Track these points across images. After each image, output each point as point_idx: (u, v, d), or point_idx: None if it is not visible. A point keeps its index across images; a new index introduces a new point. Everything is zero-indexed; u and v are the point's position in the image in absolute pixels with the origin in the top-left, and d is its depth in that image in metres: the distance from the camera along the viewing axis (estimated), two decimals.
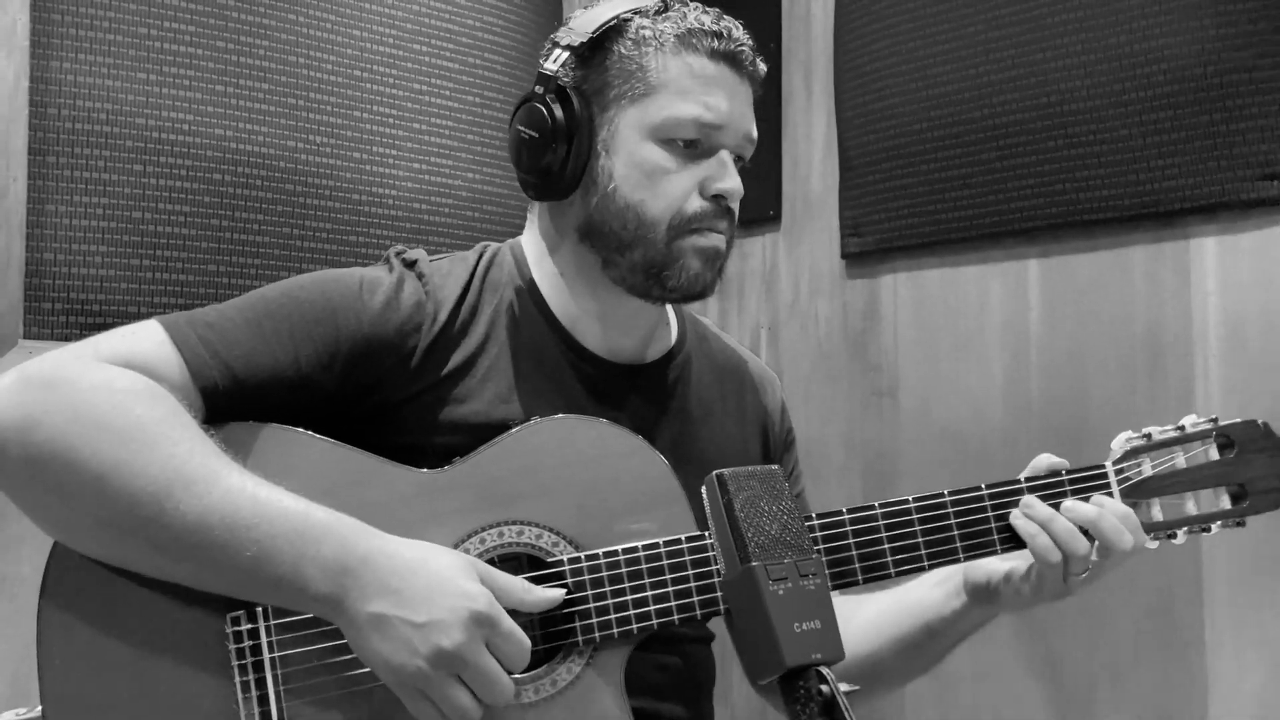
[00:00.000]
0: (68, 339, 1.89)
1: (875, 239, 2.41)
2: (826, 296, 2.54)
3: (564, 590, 1.04)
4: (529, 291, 1.22)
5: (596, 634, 1.06)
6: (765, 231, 2.64)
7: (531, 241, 1.26)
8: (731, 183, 1.17)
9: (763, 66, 1.21)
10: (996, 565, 1.18)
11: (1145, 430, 1.18)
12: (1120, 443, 1.17)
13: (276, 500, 0.99)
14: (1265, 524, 1.21)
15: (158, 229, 1.98)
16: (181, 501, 0.97)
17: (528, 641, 1.00)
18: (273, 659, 1.01)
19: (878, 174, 2.39)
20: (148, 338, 1.07)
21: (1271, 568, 1.88)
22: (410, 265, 1.19)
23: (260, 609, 1.02)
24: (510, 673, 1.00)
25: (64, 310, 1.90)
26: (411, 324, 1.14)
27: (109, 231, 1.93)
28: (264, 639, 1.02)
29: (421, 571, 0.98)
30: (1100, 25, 2.06)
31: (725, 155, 1.17)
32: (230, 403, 1.07)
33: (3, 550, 1.80)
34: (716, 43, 1.16)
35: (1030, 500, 1.13)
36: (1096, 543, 1.11)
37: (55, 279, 1.89)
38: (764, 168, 2.52)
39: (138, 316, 1.91)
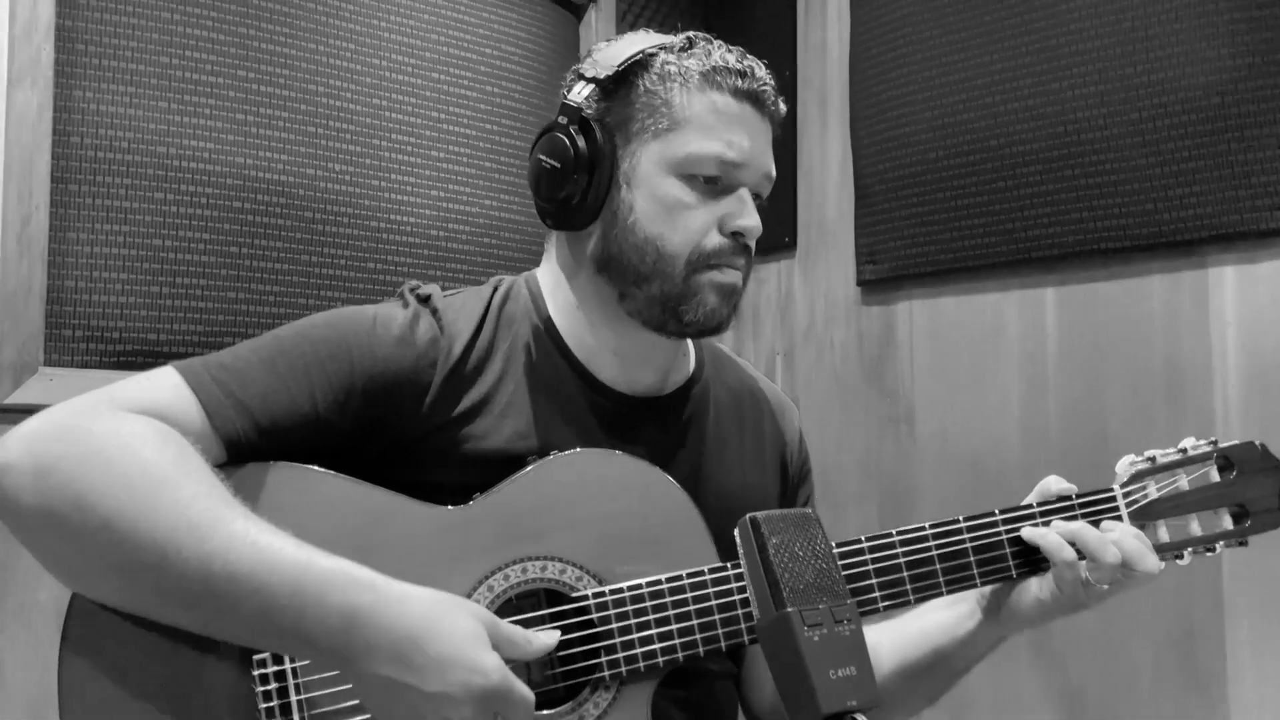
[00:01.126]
0: (88, 366, 1.89)
1: (891, 266, 2.41)
2: (842, 323, 2.54)
3: (559, 632, 1.03)
4: (544, 326, 1.23)
5: (623, 668, 1.06)
6: (781, 258, 2.64)
7: (548, 272, 1.27)
8: (751, 221, 1.17)
9: (783, 107, 1.22)
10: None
11: (1148, 454, 1.20)
12: (1125, 466, 1.20)
13: (278, 548, 0.97)
14: None
15: (178, 256, 1.99)
16: (184, 548, 0.96)
17: (533, 708, 0.99)
18: (300, 701, 1.01)
19: (893, 201, 2.40)
20: (164, 384, 1.07)
21: None
22: (424, 300, 1.19)
23: (287, 657, 1.02)
24: None
25: (85, 337, 1.90)
26: (426, 360, 1.14)
27: (130, 259, 1.94)
28: (290, 681, 1.01)
29: (433, 637, 0.96)
30: (1116, 55, 2.07)
31: (745, 193, 1.18)
32: (248, 444, 1.07)
33: (21, 579, 1.80)
34: (740, 81, 1.16)
35: (1055, 523, 1.15)
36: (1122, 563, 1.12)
37: (76, 306, 1.90)
38: (779, 195, 2.51)
39: (158, 343, 1.94)
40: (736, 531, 0.87)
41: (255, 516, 0.99)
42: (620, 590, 1.07)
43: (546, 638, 1.02)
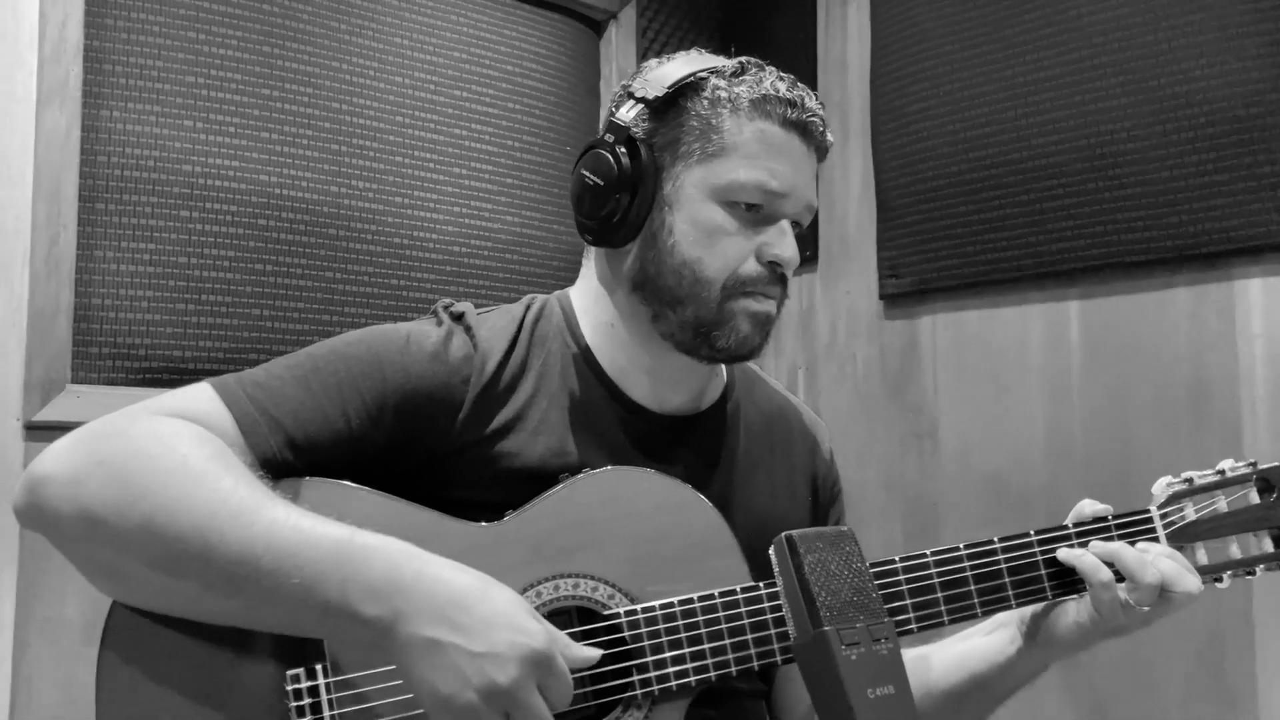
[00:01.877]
0: (114, 383, 1.91)
1: (913, 280, 2.41)
2: (864, 338, 2.53)
3: (600, 651, 1.03)
4: (577, 345, 1.23)
5: (655, 687, 1.06)
6: (802, 272, 2.64)
7: (585, 289, 1.27)
8: (789, 251, 1.17)
9: (831, 138, 1.22)
10: (1053, 605, 1.17)
11: (1185, 475, 1.19)
12: (1161, 488, 1.19)
13: (321, 527, 0.99)
14: None
15: (204, 273, 2.00)
16: (227, 534, 0.97)
17: (572, 686, 0.99)
18: (333, 716, 1.01)
19: (915, 215, 2.40)
20: (199, 399, 1.08)
21: None
22: (458, 318, 1.20)
23: (320, 666, 1.02)
24: (554, 710, 0.98)
25: (111, 354, 1.91)
26: (459, 377, 1.15)
27: (156, 276, 1.95)
28: (324, 696, 1.02)
29: (480, 600, 0.97)
30: (1141, 67, 2.06)
31: (785, 224, 1.17)
32: (282, 460, 1.08)
33: (47, 595, 1.81)
34: (790, 111, 1.16)
35: (1092, 544, 1.14)
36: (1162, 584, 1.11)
37: (103, 323, 1.91)
38: None
39: (184, 360, 1.95)
40: (772, 550, 0.86)
41: (294, 505, 1.00)
42: (652, 609, 1.07)
43: (590, 650, 1.02)
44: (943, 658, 1.25)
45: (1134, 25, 2.07)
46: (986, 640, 1.23)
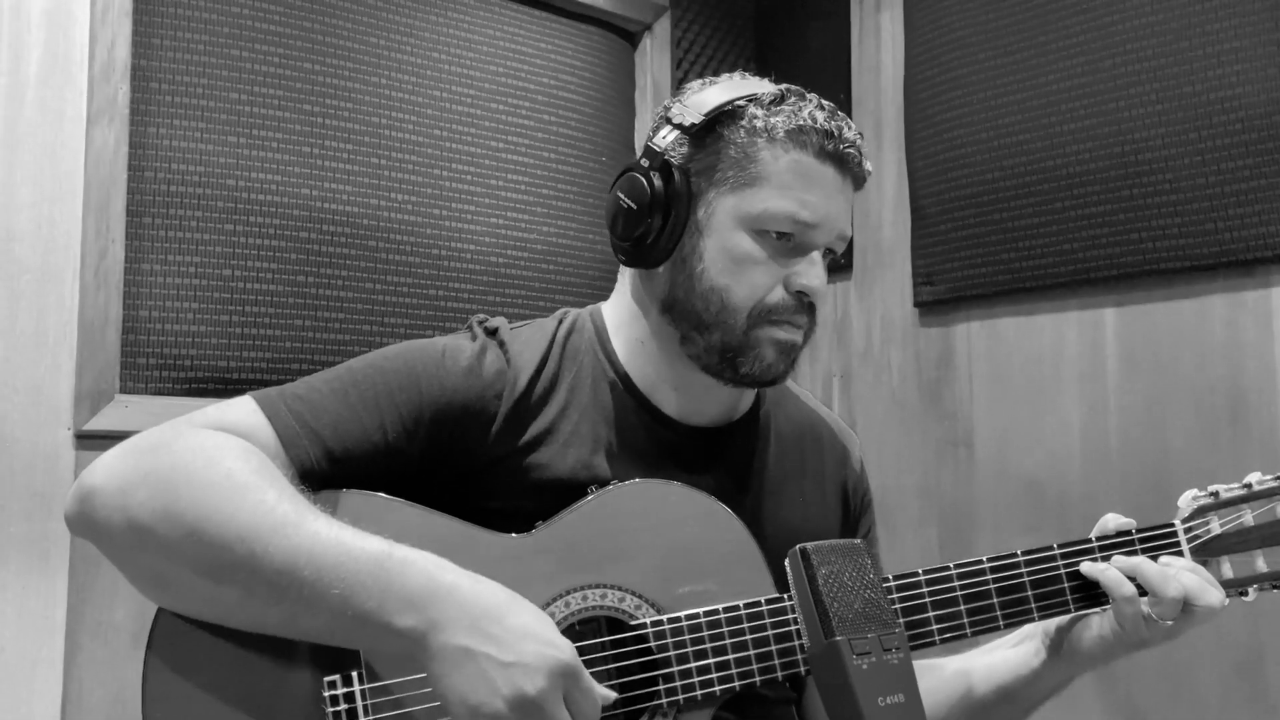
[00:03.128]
0: (162, 393, 1.96)
1: (948, 287, 2.41)
2: (899, 345, 2.54)
3: (615, 696, 1.05)
4: (608, 358, 1.25)
5: (680, 695, 1.08)
6: (837, 280, 2.65)
7: (617, 305, 1.29)
8: (816, 282, 1.17)
9: (869, 168, 1.22)
10: (1077, 619, 1.18)
11: (1212, 488, 1.18)
12: (1187, 501, 1.18)
13: (360, 540, 1.02)
14: None
15: (247, 285, 2.05)
16: (270, 544, 1.00)
17: (599, 705, 1.01)
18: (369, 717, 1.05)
19: (950, 223, 2.40)
20: (241, 411, 1.12)
21: None
22: (492, 333, 1.23)
23: (356, 673, 1.05)
24: None
25: (158, 365, 1.97)
26: (493, 390, 1.17)
27: (201, 289, 2.01)
28: (359, 702, 1.05)
29: (511, 611, 1.00)
30: (1174, 75, 2.06)
31: (816, 255, 1.18)
32: (320, 471, 1.11)
33: (98, 599, 1.87)
34: (827, 142, 1.16)
35: (1115, 558, 1.14)
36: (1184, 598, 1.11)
37: (150, 335, 1.96)
38: None
39: (228, 370, 2.00)
40: (787, 562, 0.89)
41: (334, 519, 1.04)
42: (678, 619, 1.09)
43: (606, 691, 1.04)
44: (974, 668, 1.26)
45: (1166, 32, 2.07)
46: (1013, 653, 1.23)
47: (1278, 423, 1.95)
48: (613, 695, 1.04)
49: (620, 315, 1.28)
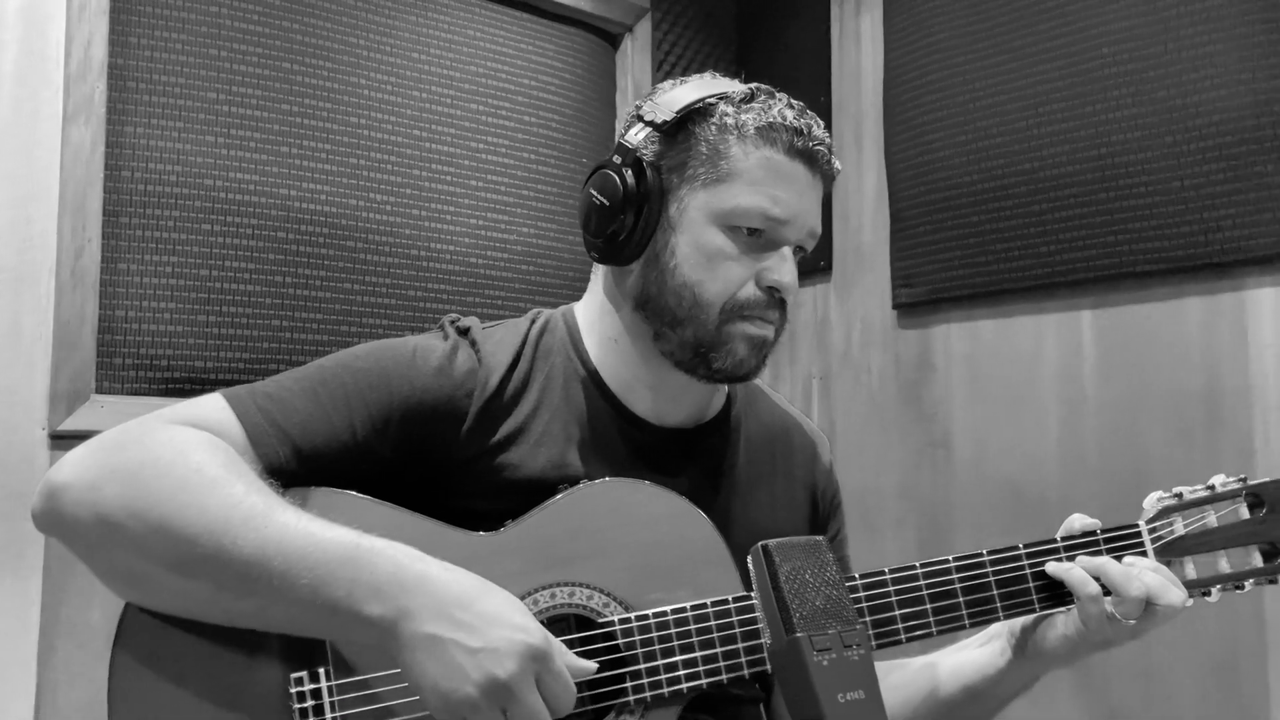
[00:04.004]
0: (138, 393, 1.95)
1: (927, 290, 2.42)
2: (879, 347, 2.54)
3: (596, 665, 1.05)
4: (580, 359, 1.26)
5: (647, 693, 1.08)
6: (817, 282, 2.66)
7: (590, 305, 1.29)
8: (787, 278, 1.18)
9: (838, 165, 1.23)
10: (1042, 618, 1.18)
11: (1176, 490, 1.20)
12: (1152, 502, 1.20)
13: (329, 531, 1.02)
14: None
15: (224, 286, 2.04)
16: (239, 536, 1.00)
17: (574, 687, 1.01)
18: (334, 719, 1.04)
19: (929, 225, 2.41)
20: (210, 409, 1.12)
21: None
22: (464, 333, 1.23)
23: (323, 670, 1.05)
24: (554, 716, 1.01)
25: (135, 365, 1.96)
26: (464, 390, 1.18)
27: (178, 289, 2.00)
28: (326, 699, 1.05)
29: (480, 600, 1.00)
30: (1151, 79, 2.07)
31: (786, 250, 1.19)
32: (289, 470, 1.11)
33: (73, 598, 1.86)
34: (796, 139, 1.17)
35: (1079, 558, 1.15)
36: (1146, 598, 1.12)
37: (127, 335, 1.96)
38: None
39: (205, 370, 1.99)
40: (749, 559, 0.89)
41: (303, 510, 1.04)
42: (646, 617, 1.09)
43: (586, 662, 1.04)
44: (940, 667, 1.26)
45: (1144, 36, 2.08)
46: (979, 652, 1.24)
47: (1253, 424, 1.96)
48: (592, 666, 1.04)
49: (593, 314, 1.28)
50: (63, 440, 1.87)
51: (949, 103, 2.37)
